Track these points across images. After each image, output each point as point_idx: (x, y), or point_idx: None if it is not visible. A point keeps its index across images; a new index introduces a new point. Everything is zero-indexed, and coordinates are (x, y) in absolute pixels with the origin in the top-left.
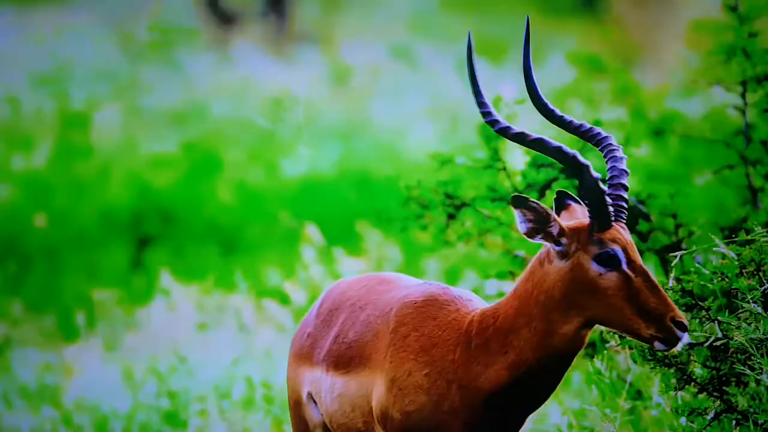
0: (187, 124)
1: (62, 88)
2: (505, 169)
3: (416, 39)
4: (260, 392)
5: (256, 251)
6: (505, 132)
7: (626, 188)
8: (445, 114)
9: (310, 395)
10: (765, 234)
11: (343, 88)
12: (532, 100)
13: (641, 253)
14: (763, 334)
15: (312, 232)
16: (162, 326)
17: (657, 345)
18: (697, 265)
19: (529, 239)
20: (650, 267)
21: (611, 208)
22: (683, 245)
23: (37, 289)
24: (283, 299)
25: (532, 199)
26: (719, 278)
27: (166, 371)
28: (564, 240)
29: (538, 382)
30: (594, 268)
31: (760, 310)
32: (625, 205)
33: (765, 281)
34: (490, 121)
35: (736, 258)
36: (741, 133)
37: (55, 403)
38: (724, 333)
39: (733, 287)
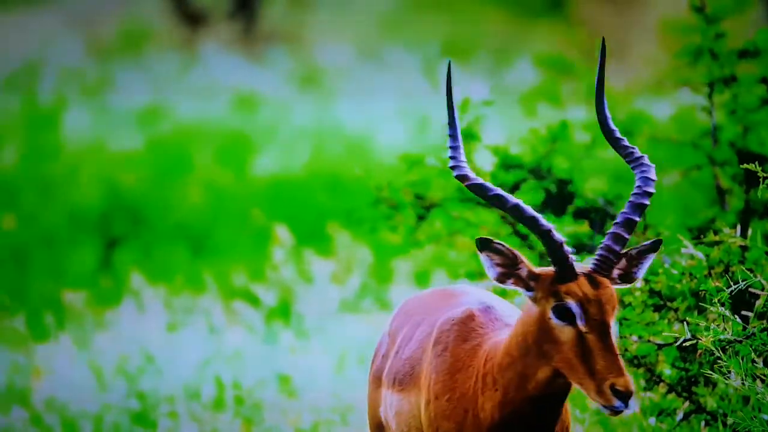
0: (156, 124)
1: (30, 88)
2: (474, 169)
3: (385, 40)
4: (230, 393)
5: (226, 252)
6: (464, 180)
7: (624, 241)
8: (414, 115)
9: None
10: (733, 235)
11: (312, 89)
12: (600, 124)
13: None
14: (731, 335)
15: (282, 232)
16: (131, 327)
17: (603, 410)
18: (665, 265)
19: (499, 285)
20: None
21: (594, 259)
22: None
23: (6, 289)
24: (253, 300)
25: (496, 241)
26: (687, 279)
27: (135, 372)
28: (533, 284)
29: (527, 422)
30: (551, 319)
31: (727, 312)
32: (613, 258)
33: (733, 282)
34: (458, 175)
35: (704, 259)
36: (708, 135)
37: (24, 403)
38: (693, 334)
39: (701, 288)
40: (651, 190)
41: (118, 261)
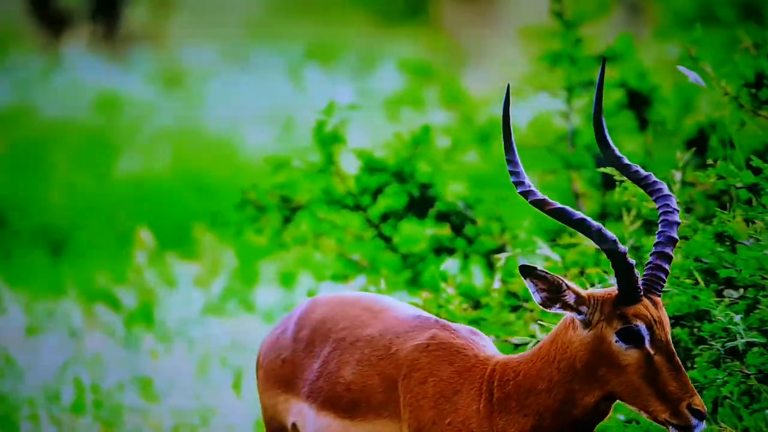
0: (17, 126)
1: None
2: (339, 173)
3: (250, 42)
4: (90, 396)
5: (87, 255)
6: (526, 196)
7: (670, 259)
8: (280, 117)
9: (294, 426)
10: (588, 238)
11: (175, 90)
12: (598, 142)
13: (467, 256)
14: None
15: (144, 235)
16: None
17: (671, 430)
18: None
19: (546, 309)
20: (477, 269)
21: (644, 280)
22: (508, 248)
23: None
24: (114, 304)
25: (540, 269)
26: None
27: None
28: (584, 308)
29: None
30: (615, 343)
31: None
32: (664, 277)
33: (588, 284)
34: (523, 191)
35: (559, 261)
36: (565, 139)
37: None
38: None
39: None
40: (676, 206)
41: None
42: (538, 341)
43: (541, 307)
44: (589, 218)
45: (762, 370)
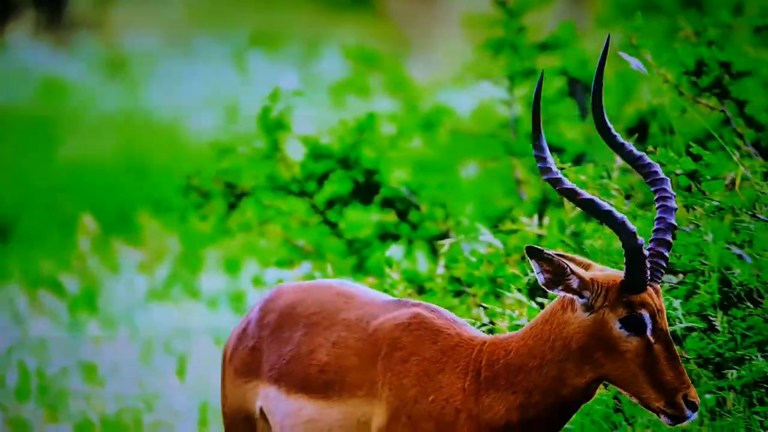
0: None
1: None
2: (284, 159)
3: (194, 28)
4: (34, 381)
5: (31, 241)
6: (555, 184)
7: (670, 245)
8: (224, 104)
9: (262, 411)
10: (529, 224)
11: (119, 76)
12: (596, 123)
13: (412, 242)
14: (527, 321)
15: (88, 222)
16: None
17: (663, 419)
18: (464, 253)
19: (548, 290)
20: (422, 255)
21: (648, 270)
22: (452, 234)
23: None
24: (58, 290)
25: (547, 251)
26: (486, 266)
27: None
28: (587, 293)
29: (542, 427)
30: (617, 329)
31: (524, 298)
32: (664, 264)
33: (529, 269)
34: (548, 178)
35: (501, 247)
36: (508, 127)
37: None
38: (490, 319)
39: (498, 275)
40: (672, 192)
41: None
42: (483, 325)
43: (544, 287)
44: (615, 210)
45: (701, 355)
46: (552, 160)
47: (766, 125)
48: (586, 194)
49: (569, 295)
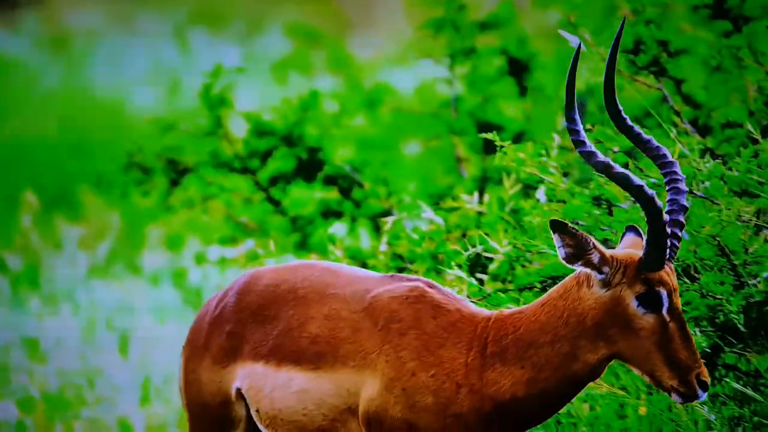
0: None
1: None
2: (227, 136)
3: (135, 5)
4: None
5: None
6: (589, 158)
7: (683, 226)
8: (166, 80)
9: (239, 393)
10: (470, 201)
11: (61, 53)
12: (607, 106)
13: (355, 219)
14: (467, 296)
15: (30, 198)
16: None
17: (674, 397)
18: (406, 230)
19: (568, 265)
20: (365, 232)
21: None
22: (394, 211)
23: None
24: (0, 266)
25: (570, 225)
26: (427, 243)
27: None
28: (606, 269)
29: (548, 402)
30: (634, 306)
31: (464, 274)
32: (678, 245)
33: (470, 246)
34: (582, 151)
35: (443, 224)
36: (449, 105)
37: None
38: None
39: (440, 251)
40: (682, 174)
41: None
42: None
43: (563, 261)
44: (645, 185)
45: None
46: (584, 134)
47: (703, 103)
48: (619, 168)
49: (588, 270)
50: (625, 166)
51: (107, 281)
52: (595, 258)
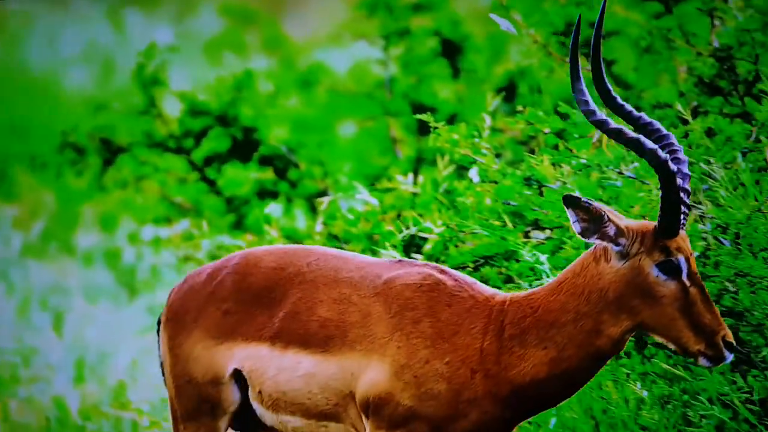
0: None
1: None
2: (161, 115)
3: None
4: None
5: None
6: (600, 125)
7: (689, 193)
8: (99, 59)
9: (236, 374)
10: (405, 182)
11: None
12: (596, 85)
13: (290, 200)
14: None
15: None
16: None
17: (701, 361)
18: (342, 210)
19: (583, 239)
20: (300, 213)
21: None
22: (330, 192)
23: None
24: None
25: (584, 199)
26: (363, 223)
27: None
28: (623, 240)
29: (570, 381)
30: (654, 274)
31: (398, 255)
32: (688, 212)
33: (404, 227)
34: (594, 120)
35: (378, 204)
36: (383, 86)
37: None
38: None
39: (375, 232)
40: (679, 145)
41: None
42: None
43: (579, 236)
44: (659, 150)
45: None
46: (593, 103)
47: (634, 84)
48: (632, 133)
49: (605, 243)
50: (556, 147)
51: (41, 261)
52: (610, 230)
